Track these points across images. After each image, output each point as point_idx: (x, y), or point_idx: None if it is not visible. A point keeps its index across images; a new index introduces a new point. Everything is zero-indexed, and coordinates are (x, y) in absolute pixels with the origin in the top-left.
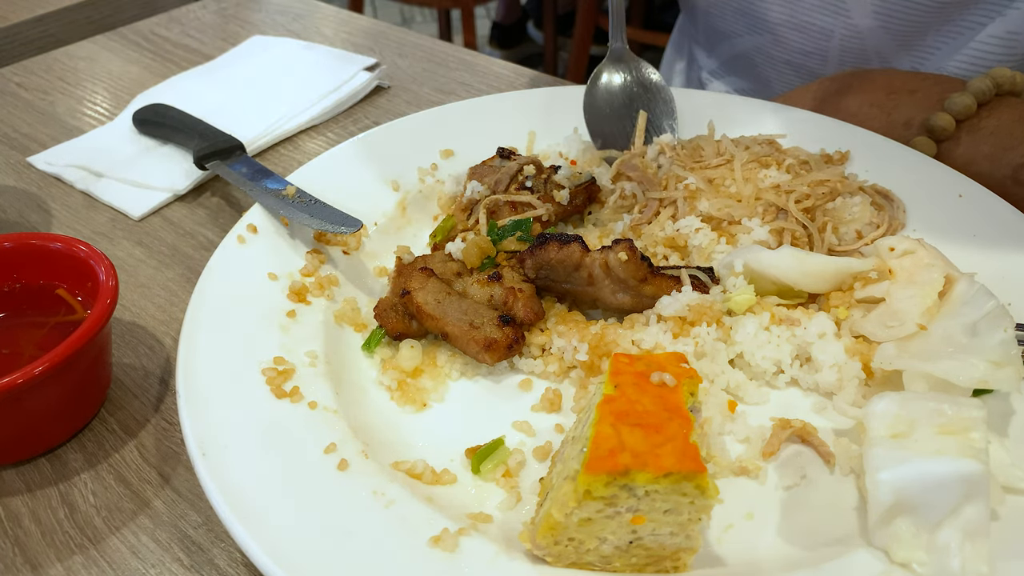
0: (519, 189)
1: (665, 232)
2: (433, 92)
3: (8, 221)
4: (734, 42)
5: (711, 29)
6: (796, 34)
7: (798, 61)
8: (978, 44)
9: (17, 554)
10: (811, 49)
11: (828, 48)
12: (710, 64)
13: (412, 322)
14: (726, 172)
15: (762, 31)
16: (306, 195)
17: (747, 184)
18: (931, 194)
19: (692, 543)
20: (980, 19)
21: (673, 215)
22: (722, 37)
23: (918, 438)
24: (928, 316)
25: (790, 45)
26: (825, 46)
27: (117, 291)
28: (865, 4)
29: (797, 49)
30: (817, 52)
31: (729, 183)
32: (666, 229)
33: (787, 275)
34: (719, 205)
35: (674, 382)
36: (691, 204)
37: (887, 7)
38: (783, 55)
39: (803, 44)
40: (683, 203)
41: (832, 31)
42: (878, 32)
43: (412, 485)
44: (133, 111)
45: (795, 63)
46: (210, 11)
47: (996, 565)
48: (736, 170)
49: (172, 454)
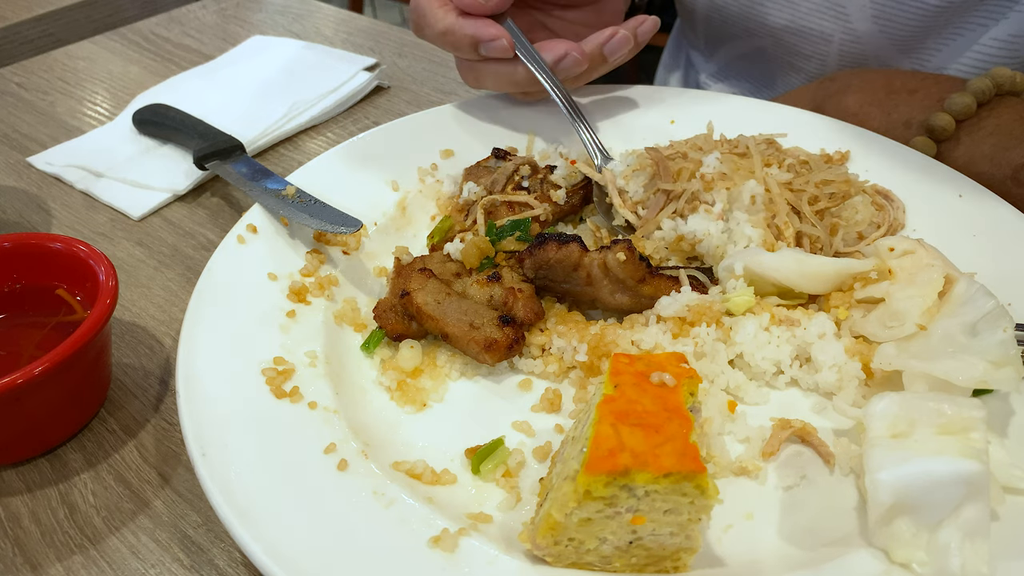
0: (515, 189)
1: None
2: (433, 92)
3: (8, 221)
4: (734, 45)
5: (711, 33)
6: (796, 38)
7: (798, 64)
8: (980, 47)
9: (17, 554)
10: (811, 52)
11: (828, 52)
12: (709, 68)
13: (412, 323)
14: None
15: (762, 35)
16: (306, 195)
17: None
18: (931, 194)
19: (692, 543)
20: (981, 22)
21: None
22: (722, 41)
23: (918, 438)
24: (928, 316)
25: (790, 48)
26: (825, 50)
27: (117, 291)
28: (864, 9)
29: (797, 52)
30: (817, 55)
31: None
32: (678, 227)
33: (788, 277)
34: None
35: (674, 382)
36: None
37: (886, 12)
38: (784, 57)
39: (803, 47)
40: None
41: (832, 35)
42: (877, 36)
43: (412, 485)
44: (133, 111)
45: (796, 66)
46: (210, 11)
47: (996, 565)
48: (756, 163)
49: (172, 454)
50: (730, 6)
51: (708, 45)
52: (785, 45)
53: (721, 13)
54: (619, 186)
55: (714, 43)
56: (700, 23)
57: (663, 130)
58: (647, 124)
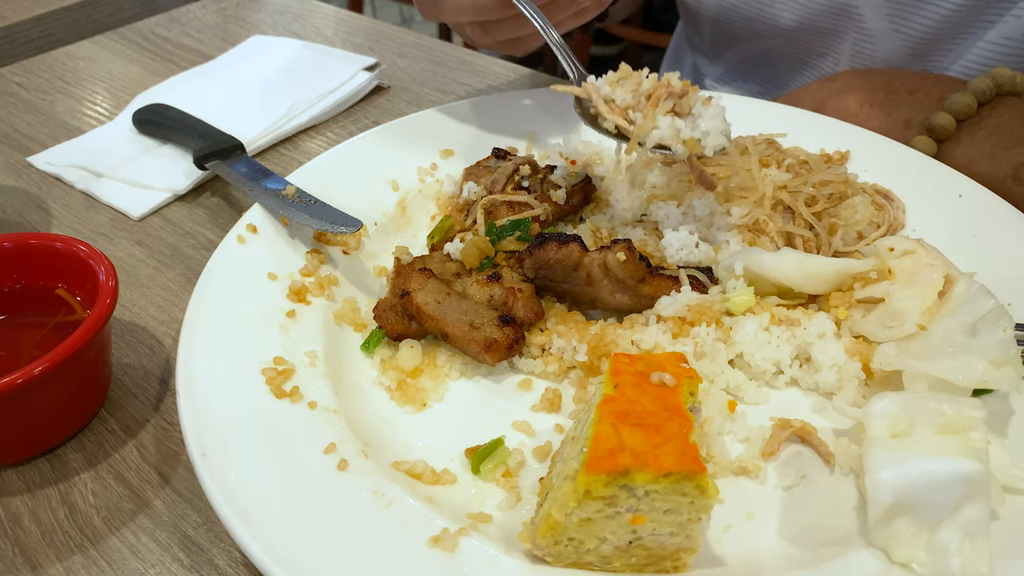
0: (515, 189)
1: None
2: (433, 92)
3: (8, 221)
4: (743, 46)
5: (718, 35)
6: (808, 36)
7: (812, 61)
8: (979, 49)
9: (17, 554)
10: (824, 51)
11: (841, 51)
12: (714, 71)
13: (411, 323)
14: (727, 169)
15: (773, 35)
16: (306, 195)
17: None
18: (931, 194)
19: (692, 543)
20: (985, 23)
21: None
22: (730, 43)
23: (918, 438)
24: (928, 316)
25: (802, 47)
26: (838, 48)
27: (117, 291)
28: (878, 7)
29: (811, 51)
30: (830, 53)
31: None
32: (676, 126)
33: (788, 277)
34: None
35: (674, 382)
36: None
37: (901, 10)
38: (796, 55)
39: (816, 47)
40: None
41: (845, 34)
42: (891, 36)
43: (412, 485)
44: (133, 111)
45: (809, 63)
46: (210, 11)
47: (996, 565)
48: (754, 163)
49: (172, 454)
50: (740, 8)
51: (714, 48)
52: (797, 45)
53: (729, 15)
54: (605, 95)
55: (720, 46)
56: (707, 26)
57: None
58: None
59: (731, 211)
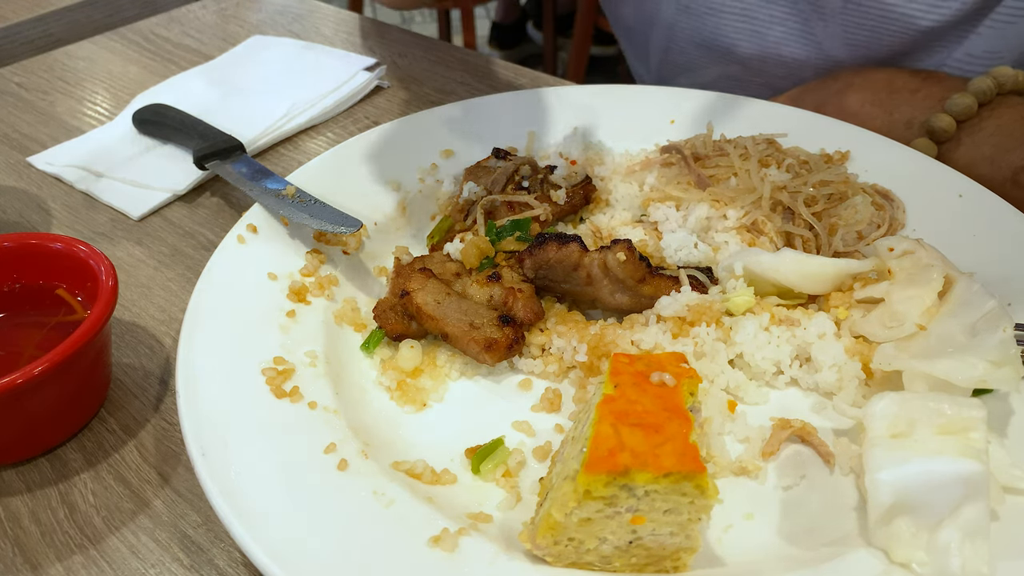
0: (515, 189)
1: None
2: (433, 92)
3: (8, 221)
4: (698, 74)
5: (668, 65)
6: (768, 65)
7: (776, 84)
8: (954, 63)
9: (17, 554)
10: (785, 74)
11: (804, 78)
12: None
13: (411, 323)
14: (727, 171)
15: (729, 62)
16: (306, 195)
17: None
18: (931, 194)
19: (692, 543)
20: (956, 39)
21: None
22: (681, 71)
23: (918, 438)
24: (927, 316)
25: (764, 73)
26: (800, 75)
27: (117, 291)
28: (836, 36)
29: (772, 74)
30: (794, 77)
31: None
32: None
33: (788, 277)
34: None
35: (674, 382)
36: None
37: (858, 39)
38: (758, 79)
39: (777, 71)
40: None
41: (806, 61)
42: (853, 60)
43: (412, 485)
44: (133, 111)
45: (773, 85)
46: (210, 11)
47: (996, 565)
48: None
49: (172, 454)
50: (691, 36)
51: (663, 79)
52: (758, 71)
53: (680, 43)
54: None
55: (671, 74)
56: (654, 58)
57: (663, 130)
58: (647, 124)
59: (727, 215)
